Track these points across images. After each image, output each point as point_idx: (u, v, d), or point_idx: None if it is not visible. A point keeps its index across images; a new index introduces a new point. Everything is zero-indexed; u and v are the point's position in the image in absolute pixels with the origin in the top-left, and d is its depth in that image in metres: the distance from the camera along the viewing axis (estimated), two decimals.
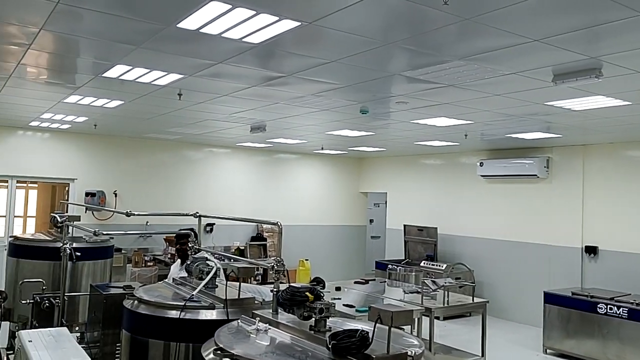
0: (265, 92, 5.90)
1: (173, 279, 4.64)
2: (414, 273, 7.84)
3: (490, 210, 10.82)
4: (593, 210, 9.18)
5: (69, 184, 10.67)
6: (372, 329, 2.53)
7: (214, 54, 4.41)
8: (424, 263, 10.73)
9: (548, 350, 8.22)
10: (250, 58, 4.48)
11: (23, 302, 5.27)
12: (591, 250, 9.10)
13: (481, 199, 11.02)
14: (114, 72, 5.19)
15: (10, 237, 6.99)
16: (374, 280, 8.56)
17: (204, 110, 7.18)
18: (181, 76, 5.25)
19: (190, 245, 5.12)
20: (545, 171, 9.75)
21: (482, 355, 6.62)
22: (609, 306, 7.46)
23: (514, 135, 8.51)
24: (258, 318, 3.15)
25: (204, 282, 3.91)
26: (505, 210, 10.54)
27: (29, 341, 3.49)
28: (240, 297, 3.73)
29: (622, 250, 8.71)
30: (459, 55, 4.19)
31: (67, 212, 8.73)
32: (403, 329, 3.35)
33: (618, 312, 7.34)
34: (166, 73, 5.15)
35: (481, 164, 10.63)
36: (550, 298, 8.23)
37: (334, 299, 6.32)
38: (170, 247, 10.74)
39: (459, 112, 6.62)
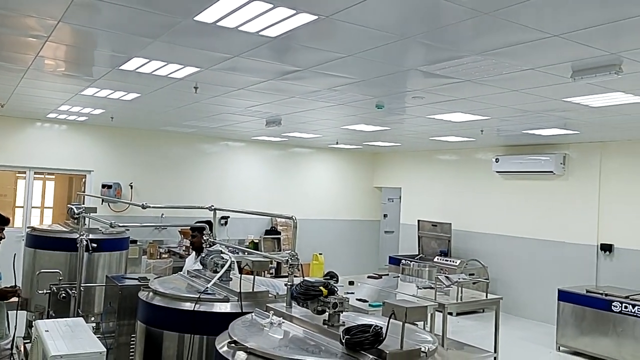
0: (281, 86, 5.90)
1: (188, 271, 4.66)
2: (427, 268, 7.81)
3: (505, 206, 10.75)
4: (609, 207, 9.08)
5: (85, 175, 10.79)
6: (386, 324, 2.53)
7: (231, 47, 4.42)
8: (438, 259, 10.71)
9: (561, 348, 8.17)
10: (266, 52, 4.48)
11: (40, 292, 5.30)
12: (607, 248, 9.00)
13: (496, 195, 10.95)
14: (130, 65, 5.22)
15: (28, 227, 7.05)
16: (387, 275, 8.55)
17: (220, 103, 7.20)
18: (197, 69, 5.27)
19: (205, 238, 5.13)
20: (561, 168, 9.66)
21: (495, 352, 6.59)
22: (624, 305, 7.39)
23: (530, 132, 8.43)
24: (272, 311, 3.15)
25: (218, 275, 3.91)
26: (520, 207, 10.47)
27: (46, 331, 3.52)
28: (255, 290, 3.73)
29: (639, 249, 8.62)
30: (476, 50, 4.16)
31: (83, 203, 8.78)
32: (416, 325, 3.34)
33: (633, 311, 7.27)
34: (183, 66, 5.18)
35: (497, 160, 10.56)
36: (564, 296, 8.17)
37: (347, 293, 6.32)
38: (185, 240, 10.81)
39: (475, 107, 6.57)
